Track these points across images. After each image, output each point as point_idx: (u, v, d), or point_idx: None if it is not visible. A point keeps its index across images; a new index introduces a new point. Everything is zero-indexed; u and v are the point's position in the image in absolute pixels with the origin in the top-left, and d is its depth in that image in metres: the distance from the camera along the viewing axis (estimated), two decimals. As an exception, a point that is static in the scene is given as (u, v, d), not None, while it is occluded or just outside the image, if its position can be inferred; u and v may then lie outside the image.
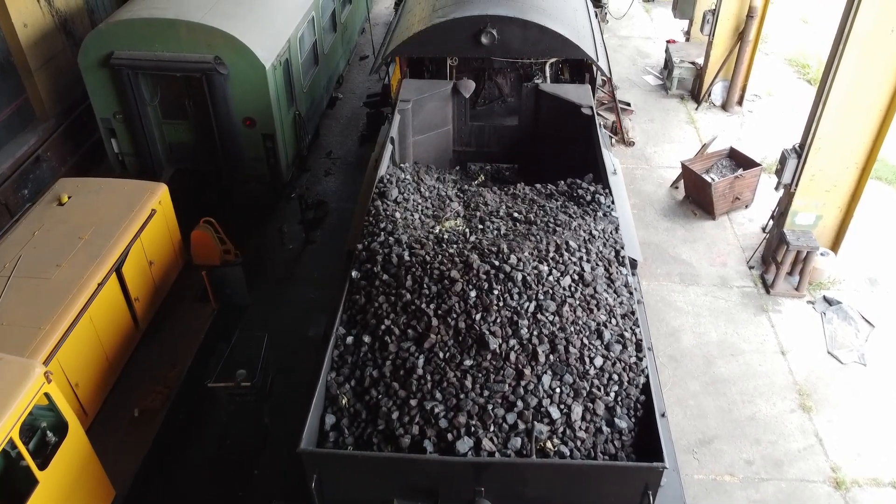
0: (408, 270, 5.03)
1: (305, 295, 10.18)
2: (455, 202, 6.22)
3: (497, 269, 4.87)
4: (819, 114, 9.10)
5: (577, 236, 5.37)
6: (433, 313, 4.70)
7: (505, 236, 5.46)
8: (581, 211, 5.97)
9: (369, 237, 5.57)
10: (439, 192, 6.38)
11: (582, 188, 6.40)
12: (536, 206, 6.07)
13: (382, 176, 6.37)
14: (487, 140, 8.34)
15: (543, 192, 6.47)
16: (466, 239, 5.43)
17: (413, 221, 5.72)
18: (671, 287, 10.27)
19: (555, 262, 5.03)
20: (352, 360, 4.74)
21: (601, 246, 5.37)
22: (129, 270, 7.51)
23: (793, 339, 9.42)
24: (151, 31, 9.42)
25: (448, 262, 4.98)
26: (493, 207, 6.06)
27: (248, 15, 9.89)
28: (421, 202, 6.12)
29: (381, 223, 5.64)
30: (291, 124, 10.84)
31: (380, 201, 5.99)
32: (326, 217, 11.67)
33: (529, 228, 5.57)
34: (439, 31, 8.01)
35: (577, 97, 7.60)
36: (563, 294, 4.81)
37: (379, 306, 4.90)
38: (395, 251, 5.26)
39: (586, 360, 4.53)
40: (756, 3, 13.07)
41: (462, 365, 4.49)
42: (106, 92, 9.96)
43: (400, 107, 7.44)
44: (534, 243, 5.15)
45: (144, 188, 8.19)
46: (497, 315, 4.63)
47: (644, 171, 12.74)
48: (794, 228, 10.00)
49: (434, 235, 5.49)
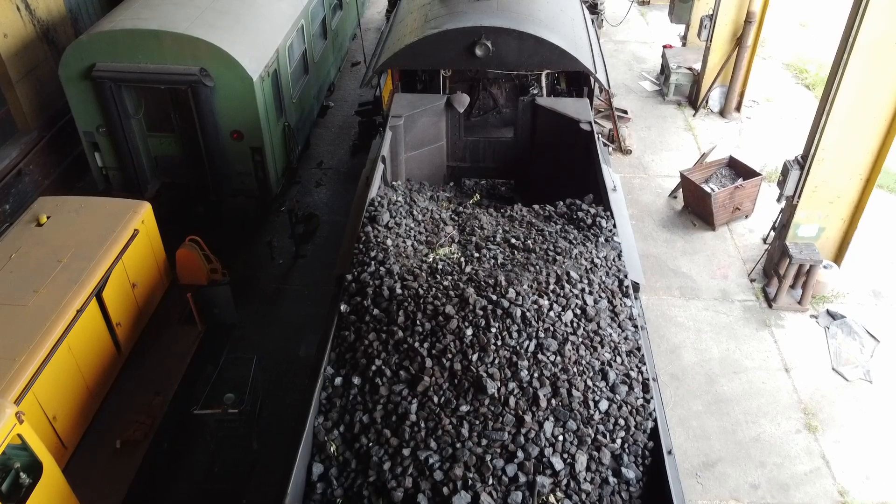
0: (400, 305, 4.75)
1: (296, 312, 9.90)
2: (449, 225, 5.94)
3: (494, 305, 4.60)
4: (823, 124, 8.87)
5: (579, 265, 5.10)
6: (427, 353, 4.42)
7: (502, 266, 5.18)
8: (582, 236, 5.70)
9: (359, 267, 5.28)
10: (433, 214, 6.09)
11: (582, 210, 6.12)
12: (535, 231, 5.79)
13: (373, 198, 6.09)
14: (482, 155, 8.07)
15: (542, 214, 6.20)
16: (462, 269, 5.14)
17: (405, 249, 5.44)
18: (671, 301, 10.02)
19: (555, 295, 4.76)
20: (340, 404, 4.45)
21: (604, 275, 5.10)
22: (110, 294, 7.21)
23: (796, 356, 9.19)
24: (134, 42, 9.11)
25: (442, 297, 4.71)
26: (490, 232, 5.78)
27: (235, 25, 9.59)
28: (413, 227, 5.83)
29: (371, 251, 5.36)
30: (280, 136, 10.55)
31: (370, 227, 5.70)
32: (317, 230, 11.38)
33: (528, 257, 5.29)
34: (432, 42, 7.73)
35: (575, 112, 7.33)
36: (564, 331, 4.54)
37: (369, 344, 4.62)
38: (387, 283, 4.97)
39: (590, 404, 4.26)
40: (754, 8, 12.85)
41: (458, 411, 4.21)
42: (88, 105, 9.65)
43: (391, 123, 7.16)
44: (533, 274, 4.87)
45: (127, 207, 7.89)
46: (495, 355, 4.36)
47: (642, 181, 12.50)
48: (796, 241, 9.77)
49: (427, 265, 5.21)
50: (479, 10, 8.01)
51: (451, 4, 8.31)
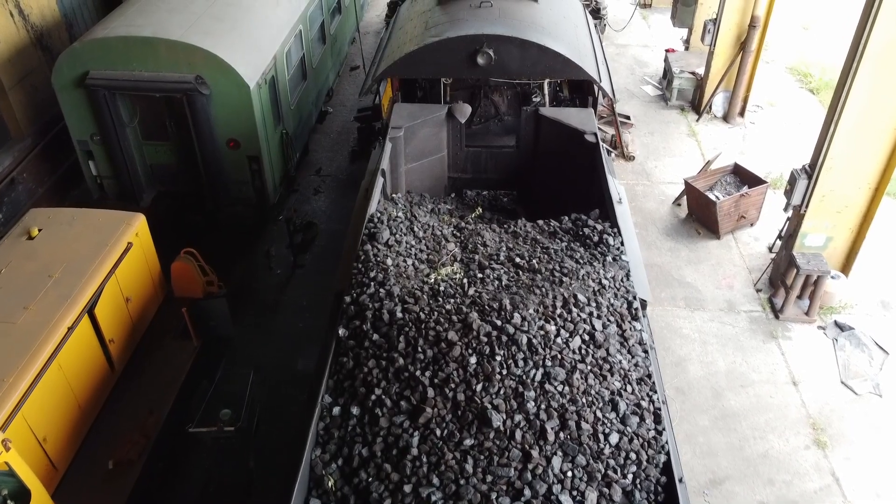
0: (400, 330, 4.56)
1: (294, 324, 9.72)
2: (451, 242, 5.75)
3: (499, 331, 4.41)
4: (832, 133, 8.69)
5: (586, 287, 4.92)
6: (429, 382, 4.24)
7: (507, 288, 5.00)
8: (588, 255, 5.51)
9: (358, 288, 5.09)
10: (434, 230, 5.91)
11: (588, 226, 5.94)
12: (540, 248, 5.60)
13: (372, 214, 5.90)
14: (484, 166, 7.88)
15: (546, 230, 6.01)
16: (465, 291, 4.96)
17: (406, 269, 5.25)
18: (676, 312, 9.85)
19: (562, 319, 4.57)
20: (339, 435, 4.27)
21: (612, 297, 4.91)
22: (102, 310, 7.03)
23: (804, 368, 9.01)
24: (129, 49, 8.93)
25: (445, 321, 4.52)
26: (493, 249, 5.60)
27: (231, 31, 9.40)
28: (414, 244, 5.64)
29: (370, 271, 5.17)
30: (278, 144, 10.36)
31: (370, 245, 5.51)
32: (315, 239, 11.20)
33: (533, 278, 5.10)
34: (433, 51, 7.54)
35: (579, 122, 7.14)
36: (572, 359, 4.35)
37: (368, 371, 4.43)
38: (387, 306, 4.79)
39: (600, 438, 4.07)
40: (759, 12, 12.67)
41: (462, 445, 4.03)
42: (82, 113, 9.46)
43: (391, 134, 6.97)
44: (539, 297, 4.69)
45: (120, 219, 7.70)
46: (500, 385, 4.17)
47: (645, 188, 12.32)
48: (803, 251, 9.59)
49: (429, 286, 5.02)
50: (481, 17, 7.82)
51: (452, 11, 8.13)
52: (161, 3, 9.66)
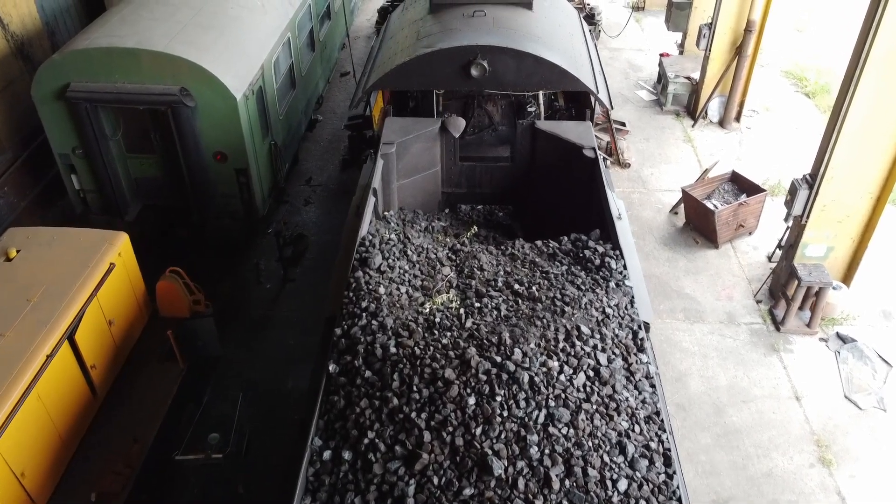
0: (394, 367, 4.32)
1: (284, 341, 9.46)
2: (446, 266, 5.51)
3: (499, 368, 4.18)
4: (833, 142, 8.51)
5: (589, 317, 4.69)
6: (425, 425, 4.00)
7: (506, 319, 4.76)
8: (590, 280, 5.28)
9: (349, 319, 4.84)
10: (428, 253, 5.67)
11: (589, 248, 5.71)
12: (539, 273, 5.37)
13: (364, 237, 5.66)
14: (479, 180, 7.65)
15: (545, 252, 5.78)
16: (462, 324, 4.72)
17: (399, 297, 5.00)
18: (675, 325, 9.64)
19: (565, 354, 4.34)
20: (330, 482, 4.02)
21: (616, 328, 4.69)
22: (84, 335, 6.75)
23: (807, 382, 8.82)
24: (111, 60, 8.64)
25: (441, 357, 4.28)
26: (490, 274, 5.36)
27: (217, 41, 9.13)
28: (408, 269, 5.40)
29: (362, 301, 4.92)
30: (267, 156, 10.09)
31: (361, 271, 5.27)
32: (306, 251, 10.94)
33: (534, 307, 4.87)
34: (425, 62, 7.30)
35: (577, 136, 6.92)
36: (577, 398, 4.12)
37: (361, 412, 4.18)
38: (380, 340, 4.54)
39: (608, 484, 3.84)
40: (754, 16, 12.49)
41: (461, 494, 3.79)
42: (63, 126, 9.17)
43: (383, 150, 6.73)
44: (540, 330, 4.46)
45: (102, 239, 7.42)
46: (501, 428, 3.94)
47: (641, 196, 12.12)
48: (804, 262, 9.40)
49: (424, 317, 4.78)
50: (474, 27, 7.58)
51: (445, 21, 7.89)
52: (144, 12, 9.38)
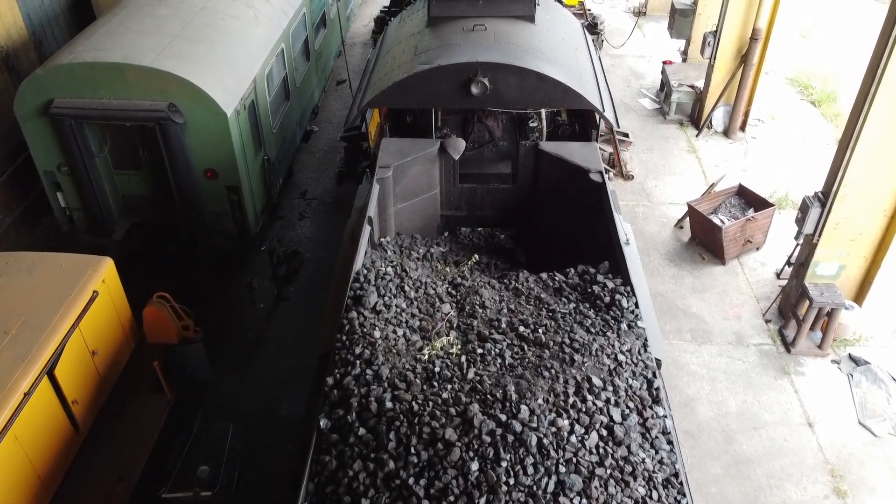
0: (390, 424, 4.00)
1: (277, 364, 9.14)
2: (446, 303, 5.19)
3: (505, 428, 3.85)
4: (847, 159, 8.20)
5: (601, 366, 4.37)
6: (423, 493, 3.67)
7: (511, 369, 4.43)
8: (600, 320, 4.96)
9: (342, 367, 4.52)
10: (427, 289, 5.34)
11: (598, 283, 5.39)
12: (545, 311, 5.05)
13: (358, 271, 5.33)
14: (480, 203, 7.32)
15: (551, 286, 5.46)
16: (463, 374, 4.39)
17: (396, 342, 4.68)
18: (682, 347, 9.33)
19: (576, 410, 4.02)
20: (321, 556, 3.71)
21: (630, 377, 4.37)
22: (65, 369, 6.42)
23: (819, 407, 8.52)
24: (96, 76, 8.31)
25: (441, 415, 3.96)
26: (493, 312, 5.04)
27: (207, 55, 8.79)
28: (405, 307, 5.07)
29: (356, 346, 4.60)
30: (259, 172, 9.76)
31: (355, 311, 4.94)
32: (301, 268, 10.61)
33: (541, 355, 4.54)
34: (423, 79, 6.97)
35: (583, 159, 6.60)
36: (590, 462, 3.80)
37: (354, 476, 3.85)
38: (374, 392, 4.22)
39: (624, 560, 3.54)
40: (760, 24, 12.19)
41: (464, 574, 3.48)
42: (48, 143, 8.84)
43: (378, 175, 6.40)
44: (548, 382, 4.14)
45: (85, 265, 7.09)
46: (507, 498, 3.60)
47: (645, 209, 11.81)
48: (815, 280, 9.09)
49: (422, 365, 4.45)
50: (474, 42, 7.26)
51: (444, 35, 7.56)
52: (131, 25, 9.04)
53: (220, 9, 9.76)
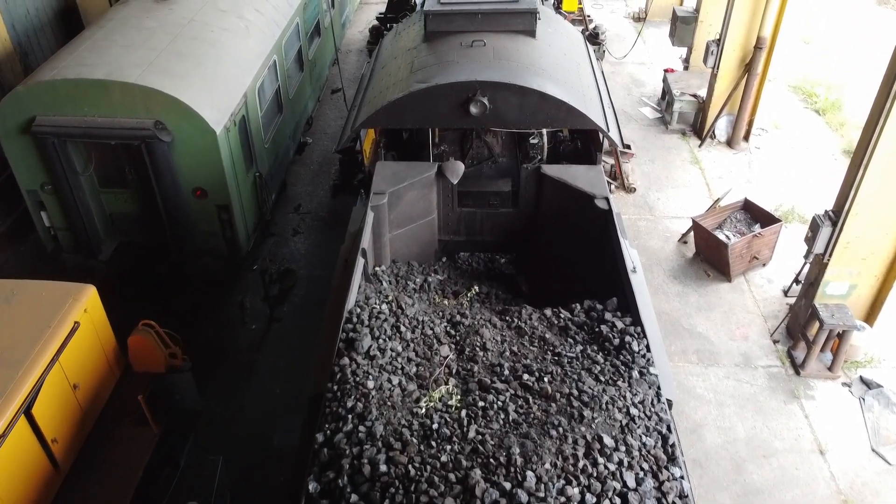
0: (384, 490, 3.69)
1: (270, 390, 8.83)
2: (445, 344, 4.88)
3: (510, 498, 3.54)
4: (860, 178, 7.92)
5: (612, 422, 4.07)
6: (422, 574, 3.38)
7: (515, 426, 4.11)
8: (609, 366, 4.65)
9: (333, 422, 4.20)
10: (424, 328, 5.03)
11: (606, 323, 5.08)
12: (550, 355, 4.74)
13: (351, 309, 5.02)
14: (480, 227, 7.02)
15: (556, 324, 5.16)
16: (464, 433, 4.08)
17: (391, 393, 4.36)
18: (689, 369, 9.03)
19: (586, 475, 3.71)
20: None
21: (643, 433, 4.07)
22: (43, 407, 6.09)
23: (831, 433, 8.23)
24: (79, 93, 7.99)
25: (440, 481, 3.65)
26: (495, 355, 4.73)
27: (195, 70, 8.47)
28: (401, 351, 4.76)
29: (347, 398, 4.28)
30: (251, 189, 9.44)
31: (347, 357, 4.62)
32: (294, 287, 10.30)
33: (547, 409, 4.22)
34: (419, 99, 6.67)
35: (588, 183, 6.29)
36: (602, 536, 3.50)
37: (346, 550, 3.56)
38: (368, 453, 3.90)
39: None
40: (765, 33, 11.90)
41: None
42: (30, 162, 8.52)
43: (373, 202, 6.09)
44: (556, 443, 3.83)
45: (67, 293, 6.76)
46: (513, 579, 3.31)
47: (648, 223, 11.51)
48: (825, 300, 8.81)
49: (419, 420, 4.14)
50: (473, 58, 6.94)
51: (441, 51, 7.25)
52: (117, 38, 8.72)
53: (209, 21, 9.44)
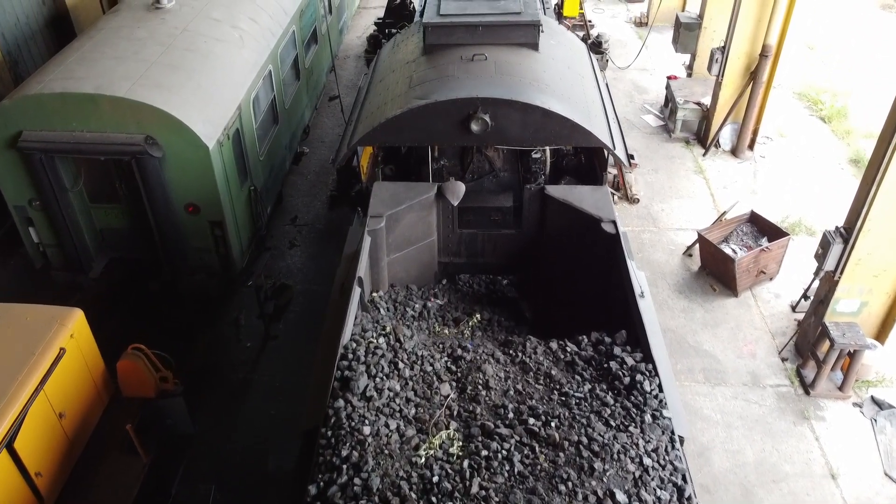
0: (383, 553, 3.46)
1: (265, 411, 8.58)
2: (445, 381, 4.63)
3: (516, 564, 3.31)
4: (873, 194, 7.68)
5: (625, 474, 3.83)
6: None
7: (521, 479, 3.86)
8: (620, 408, 4.39)
9: (326, 473, 3.95)
10: (424, 364, 4.79)
11: (615, 358, 4.84)
12: (557, 395, 4.50)
13: (347, 344, 4.78)
14: (481, 249, 6.77)
15: (562, 359, 4.92)
16: (466, 488, 3.83)
17: (388, 440, 4.11)
18: (695, 388, 8.79)
19: (599, 535, 3.48)
20: None
21: (658, 486, 3.83)
22: (26, 440, 5.85)
23: (842, 456, 7.99)
24: (67, 107, 7.74)
25: (442, 543, 3.42)
26: (498, 394, 4.48)
27: (187, 83, 8.21)
28: (399, 391, 4.51)
29: (342, 446, 4.03)
30: (245, 204, 9.19)
31: (342, 399, 4.37)
32: (290, 303, 10.05)
33: (555, 458, 3.98)
34: (418, 116, 6.42)
35: (594, 205, 6.05)
36: None
37: None
38: (364, 509, 3.67)
39: None
40: (771, 41, 11.66)
41: None
42: (17, 177, 8.26)
43: (370, 226, 5.84)
44: (565, 500, 3.59)
45: (52, 318, 6.52)
46: None
47: (652, 235, 11.26)
48: (835, 318, 8.57)
49: (418, 472, 3.89)
50: (474, 73, 6.70)
51: (441, 64, 7.00)
52: (107, 49, 8.46)
53: (202, 30, 9.18)
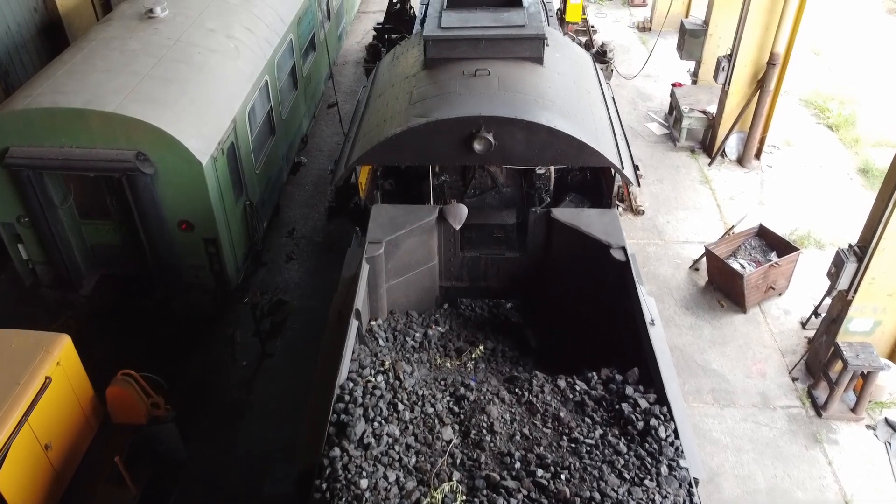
0: None
1: (261, 434, 8.32)
2: (448, 425, 4.39)
3: None
4: (889, 212, 7.43)
5: (641, 535, 3.59)
6: None
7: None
8: (634, 458, 4.14)
9: (322, 533, 3.72)
10: (425, 405, 4.53)
11: (627, 400, 4.59)
12: (567, 441, 4.25)
13: (344, 385, 4.53)
14: (484, 273, 6.52)
15: (571, 399, 4.67)
16: (472, 552, 3.60)
17: (388, 493, 3.86)
18: (703, 410, 8.54)
19: None
20: None
21: (675, 547, 3.59)
22: (10, 475, 5.61)
23: (856, 482, 7.74)
24: (55, 122, 7.49)
25: None
26: (504, 440, 4.23)
27: (179, 97, 7.95)
28: (399, 436, 4.26)
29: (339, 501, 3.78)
30: (240, 220, 8.93)
31: (338, 447, 4.12)
32: (287, 319, 9.79)
33: (566, 515, 3.74)
34: (419, 134, 6.17)
35: (602, 230, 5.79)
36: None
37: None
38: (361, 577, 3.42)
39: None
40: (778, 49, 11.41)
41: None
42: (5, 194, 8.02)
43: (368, 252, 5.58)
44: (578, 566, 3.34)
45: (38, 345, 6.27)
46: None
47: (658, 248, 11.01)
48: (848, 338, 8.32)
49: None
50: (477, 90, 6.44)
51: (442, 80, 6.74)
52: (97, 62, 8.21)
53: (196, 41, 8.93)
